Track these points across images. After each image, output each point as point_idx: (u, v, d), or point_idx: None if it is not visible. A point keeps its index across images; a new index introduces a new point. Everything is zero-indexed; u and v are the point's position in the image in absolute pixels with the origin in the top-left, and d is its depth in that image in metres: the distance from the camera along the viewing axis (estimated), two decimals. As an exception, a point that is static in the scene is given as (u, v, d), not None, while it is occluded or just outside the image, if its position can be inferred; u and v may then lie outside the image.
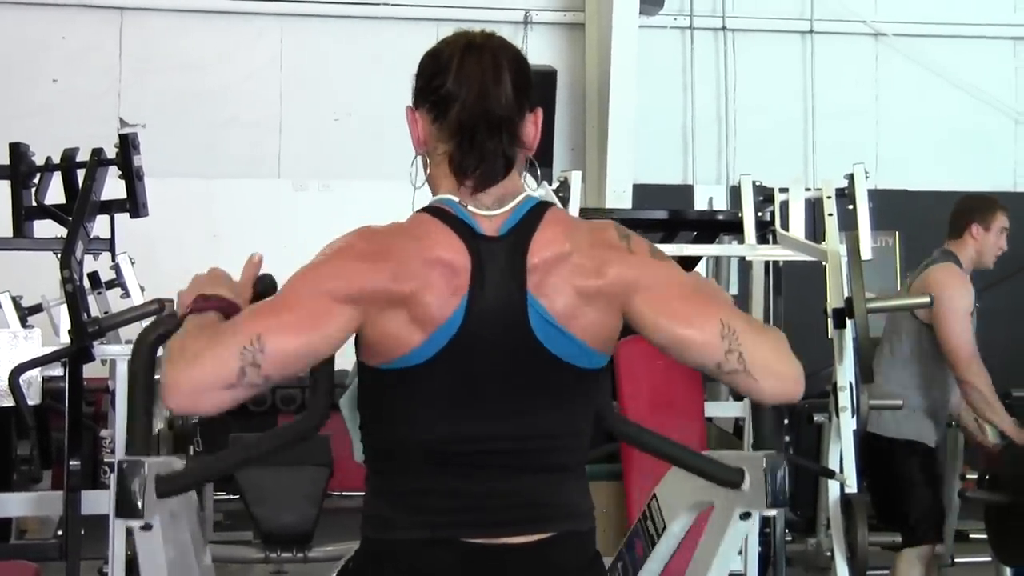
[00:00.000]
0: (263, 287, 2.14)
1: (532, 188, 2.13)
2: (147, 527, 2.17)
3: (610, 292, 2.00)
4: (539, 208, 2.04)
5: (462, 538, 2.00)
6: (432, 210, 2.02)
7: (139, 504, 2.06)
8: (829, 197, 4.75)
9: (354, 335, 1.98)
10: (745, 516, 2.27)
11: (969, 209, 4.99)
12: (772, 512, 2.20)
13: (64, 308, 4.32)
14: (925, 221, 5.21)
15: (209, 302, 2.01)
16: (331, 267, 1.94)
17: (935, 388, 4.89)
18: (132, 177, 4.69)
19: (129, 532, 4.38)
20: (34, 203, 4.83)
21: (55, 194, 4.86)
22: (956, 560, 5.60)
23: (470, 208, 2.01)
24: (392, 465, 2.05)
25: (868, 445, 4.72)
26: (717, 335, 1.98)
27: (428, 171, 2.09)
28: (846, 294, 4.44)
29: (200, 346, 1.87)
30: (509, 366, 1.99)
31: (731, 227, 5.18)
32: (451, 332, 1.95)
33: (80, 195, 4.60)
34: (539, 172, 2.15)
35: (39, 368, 4.36)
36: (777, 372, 2.00)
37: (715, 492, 2.35)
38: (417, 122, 2.08)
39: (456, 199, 2.01)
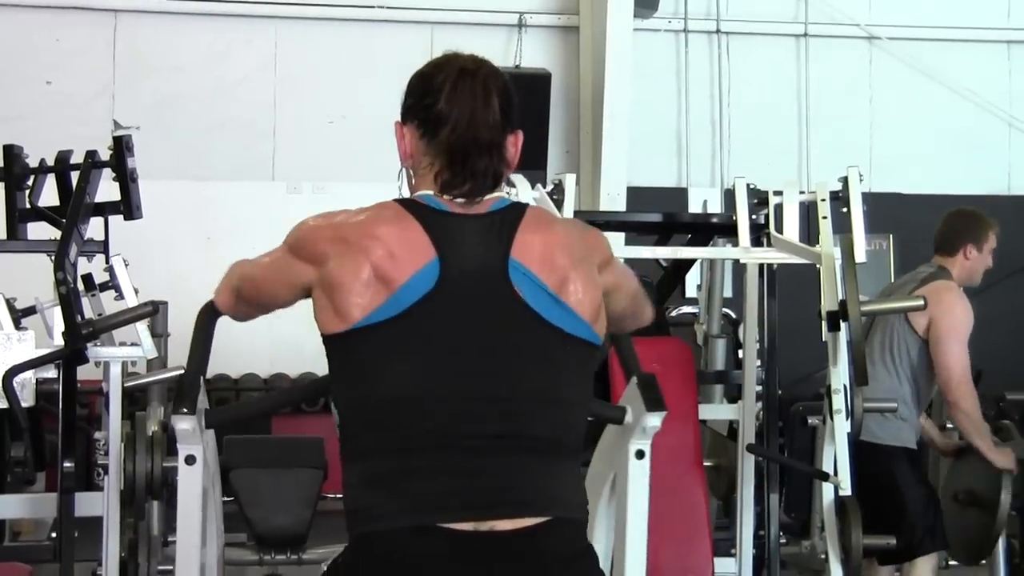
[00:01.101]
0: None
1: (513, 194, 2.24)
2: (191, 459, 2.39)
3: (597, 263, 2.19)
4: (520, 204, 2.21)
5: (450, 523, 2.01)
6: (400, 199, 2.16)
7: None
8: (823, 200, 4.74)
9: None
10: (640, 455, 2.42)
11: (964, 229, 4.95)
12: (656, 421, 2.36)
13: (58, 310, 4.29)
14: (919, 224, 5.21)
15: None
16: (303, 228, 2.21)
17: (921, 405, 4.93)
18: (126, 179, 4.68)
19: (123, 531, 4.40)
20: (28, 205, 4.81)
21: (49, 196, 4.84)
22: (950, 563, 5.60)
23: (445, 197, 2.13)
24: (368, 440, 2.08)
25: (860, 454, 4.71)
26: (640, 288, 2.42)
27: (413, 182, 2.21)
28: (840, 297, 4.44)
29: (232, 272, 2.41)
30: (492, 326, 2.07)
31: (725, 230, 5.17)
32: (413, 296, 2.04)
33: (74, 197, 4.59)
34: (514, 191, 2.28)
35: (33, 370, 4.35)
36: (647, 311, 2.47)
37: (612, 452, 2.54)
38: (405, 137, 2.20)
39: (431, 193, 2.15)
